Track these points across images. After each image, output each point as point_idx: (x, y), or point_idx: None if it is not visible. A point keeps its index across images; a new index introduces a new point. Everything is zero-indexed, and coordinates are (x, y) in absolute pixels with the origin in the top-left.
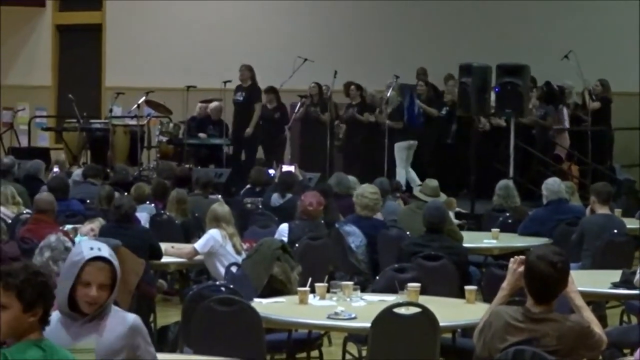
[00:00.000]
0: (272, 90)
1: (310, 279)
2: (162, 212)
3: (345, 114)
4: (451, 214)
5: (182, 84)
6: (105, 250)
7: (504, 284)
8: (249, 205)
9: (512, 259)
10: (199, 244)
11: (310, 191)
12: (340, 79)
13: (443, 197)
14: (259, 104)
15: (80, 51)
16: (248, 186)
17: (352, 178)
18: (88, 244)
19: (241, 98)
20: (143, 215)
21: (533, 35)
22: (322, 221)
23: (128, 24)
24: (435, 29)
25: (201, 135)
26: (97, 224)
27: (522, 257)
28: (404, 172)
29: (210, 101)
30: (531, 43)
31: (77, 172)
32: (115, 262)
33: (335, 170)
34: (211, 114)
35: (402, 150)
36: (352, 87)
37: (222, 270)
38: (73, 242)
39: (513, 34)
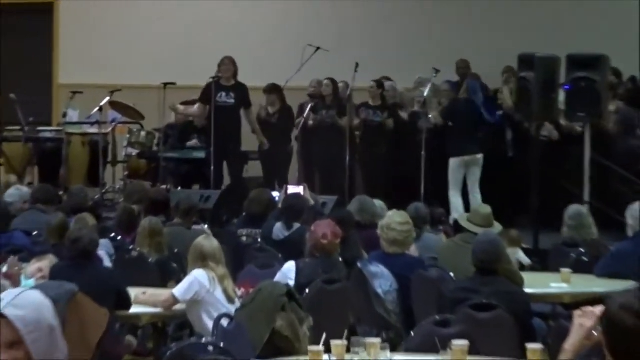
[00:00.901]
0: (274, 89)
1: (324, 335)
2: (131, 247)
3: (363, 117)
4: (510, 253)
5: (157, 80)
6: None
7: (567, 344)
8: (244, 239)
9: (576, 312)
10: (179, 290)
11: (323, 220)
12: (364, 74)
13: (497, 227)
14: (250, 108)
15: (25, 37)
16: (244, 213)
17: (378, 203)
18: None
19: (232, 100)
20: (101, 252)
21: (613, 18)
22: (340, 259)
23: (88, 3)
24: (483, 9)
25: (186, 145)
26: (46, 262)
27: (595, 308)
28: (460, 200)
29: (193, 103)
30: (610, 28)
31: (19, 193)
32: (16, 312)
33: (357, 192)
34: (195, 119)
35: (458, 169)
36: (373, 83)
37: (210, 324)
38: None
39: (587, 16)
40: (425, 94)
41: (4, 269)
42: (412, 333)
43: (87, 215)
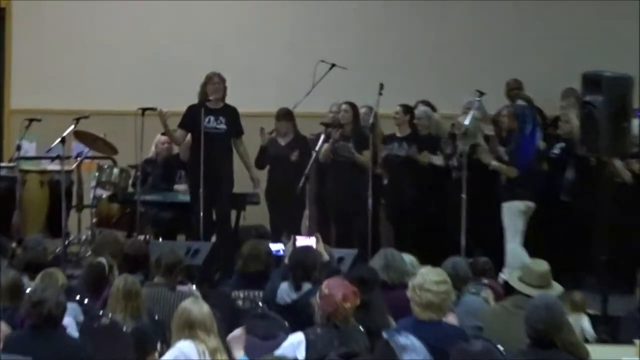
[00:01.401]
0: (287, 115)
1: None
2: (101, 312)
3: (388, 151)
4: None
5: (133, 105)
6: None
7: None
8: (241, 302)
9: None
10: None
11: (338, 278)
12: (392, 97)
13: (557, 288)
14: (241, 137)
15: None
16: (240, 271)
17: (408, 258)
18: None
19: (224, 126)
20: (66, 318)
21: None
22: (360, 328)
23: (48, 9)
24: (538, 16)
25: (169, 185)
26: None
27: None
28: (522, 251)
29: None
30: None
31: None
32: None
33: (381, 244)
34: (181, 152)
35: (518, 215)
36: (399, 108)
37: None
38: None
39: None
40: (467, 121)
41: None
42: None
43: (56, 272)
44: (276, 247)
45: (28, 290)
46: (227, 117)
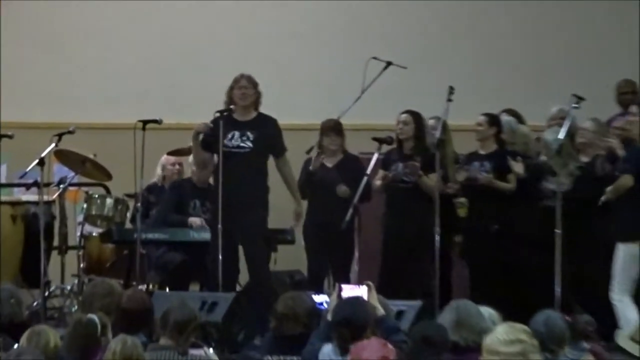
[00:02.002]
0: (335, 128)
1: None
2: None
3: (465, 174)
4: None
5: (131, 117)
6: None
7: None
8: None
9: None
10: None
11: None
12: (463, 104)
13: None
14: (283, 156)
15: None
16: (271, 331)
17: (488, 312)
18: None
19: (250, 144)
20: None
21: None
22: None
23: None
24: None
25: (180, 219)
26: None
27: None
28: (633, 309)
29: (187, 152)
30: None
31: None
32: None
33: (453, 294)
34: (194, 176)
35: (634, 260)
36: (482, 118)
37: None
38: None
39: None
40: (561, 135)
41: None
42: None
43: (47, 331)
44: (319, 299)
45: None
46: (258, 131)
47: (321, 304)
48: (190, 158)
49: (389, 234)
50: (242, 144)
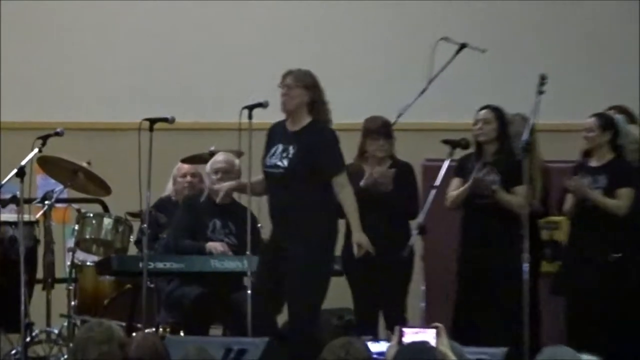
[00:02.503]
0: (382, 129)
1: None
2: None
3: (574, 189)
4: None
5: (134, 115)
6: None
7: None
8: None
9: None
10: None
11: None
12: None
13: None
14: (342, 174)
15: None
16: None
17: None
18: None
19: (285, 162)
20: None
21: None
22: None
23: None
24: None
25: (198, 246)
26: None
27: None
28: None
29: (206, 158)
30: None
31: None
32: None
33: (546, 339)
34: (213, 192)
35: None
36: (592, 121)
37: None
38: None
39: None
40: None
41: None
42: None
43: None
44: (377, 347)
45: None
46: (301, 145)
47: (379, 354)
48: (208, 166)
49: (466, 263)
50: (278, 162)
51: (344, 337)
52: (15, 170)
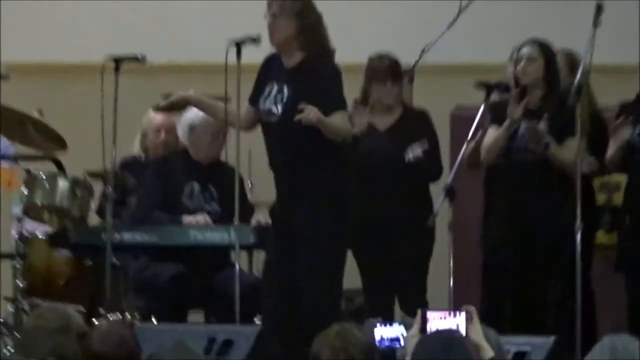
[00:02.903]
0: (390, 70)
1: None
2: None
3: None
4: None
5: (95, 54)
6: None
7: None
8: None
9: None
10: None
11: None
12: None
13: None
14: (340, 115)
15: None
16: None
17: None
18: None
19: (279, 109)
20: None
21: None
22: None
23: None
24: None
25: (173, 212)
26: None
27: None
28: None
29: (182, 106)
30: None
31: None
32: None
33: (604, 327)
34: (191, 145)
35: None
36: None
37: None
38: None
39: None
40: None
41: None
42: None
43: None
44: (388, 332)
45: None
46: (295, 86)
47: (393, 340)
48: (186, 118)
49: (501, 232)
50: (272, 108)
51: (337, 323)
52: None
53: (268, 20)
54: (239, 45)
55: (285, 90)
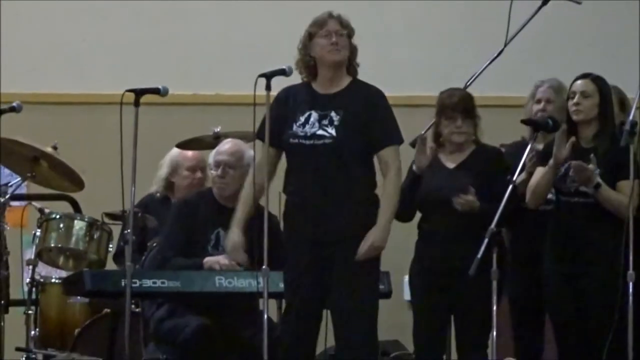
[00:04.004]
0: (462, 104)
1: None
2: None
3: None
4: None
5: (114, 86)
6: None
7: None
8: None
9: None
10: None
11: None
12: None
13: None
14: (393, 149)
15: None
16: None
17: None
18: None
19: (332, 131)
20: None
21: None
22: None
23: None
24: None
25: (191, 266)
26: None
27: None
28: None
29: (210, 143)
30: None
31: None
32: None
33: None
34: (219, 185)
35: None
36: None
37: None
38: None
39: None
40: None
41: None
42: None
43: None
44: None
45: None
46: (349, 109)
47: None
48: (211, 156)
49: (548, 282)
50: (319, 132)
51: None
52: None
53: (331, 39)
54: (268, 78)
55: (334, 115)
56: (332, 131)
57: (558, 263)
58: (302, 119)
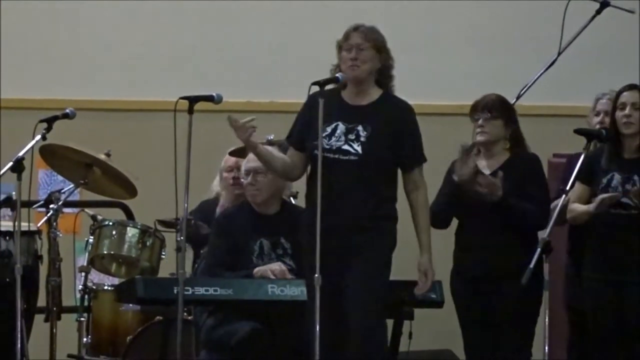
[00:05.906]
0: (496, 107)
1: None
2: None
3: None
4: None
5: (167, 93)
6: None
7: None
8: None
9: None
10: None
11: None
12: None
13: None
14: (420, 171)
15: None
16: None
17: None
18: None
19: (358, 148)
20: None
21: None
22: None
23: None
24: None
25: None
26: None
27: None
28: None
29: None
30: None
31: None
32: None
33: None
34: (249, 194)
35: None
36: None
37: None
38: None
39: None
40: None
41: None
42: None
43: None
44: None
45: None
46: (377, 124)
47: None
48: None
49: (595, 294)
50: (345, 147)
51: None
52: (10, 164)
53: (351, 54)
54: (322, 86)
55: (361, 130)
56: (358, 148)
57: (598, 276)
58: (329, 129)
